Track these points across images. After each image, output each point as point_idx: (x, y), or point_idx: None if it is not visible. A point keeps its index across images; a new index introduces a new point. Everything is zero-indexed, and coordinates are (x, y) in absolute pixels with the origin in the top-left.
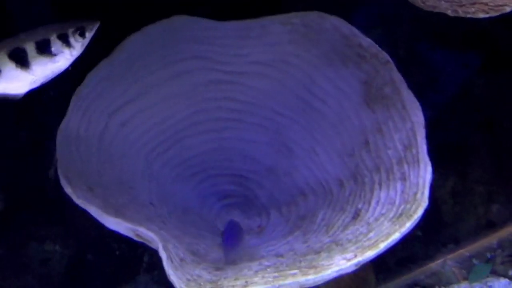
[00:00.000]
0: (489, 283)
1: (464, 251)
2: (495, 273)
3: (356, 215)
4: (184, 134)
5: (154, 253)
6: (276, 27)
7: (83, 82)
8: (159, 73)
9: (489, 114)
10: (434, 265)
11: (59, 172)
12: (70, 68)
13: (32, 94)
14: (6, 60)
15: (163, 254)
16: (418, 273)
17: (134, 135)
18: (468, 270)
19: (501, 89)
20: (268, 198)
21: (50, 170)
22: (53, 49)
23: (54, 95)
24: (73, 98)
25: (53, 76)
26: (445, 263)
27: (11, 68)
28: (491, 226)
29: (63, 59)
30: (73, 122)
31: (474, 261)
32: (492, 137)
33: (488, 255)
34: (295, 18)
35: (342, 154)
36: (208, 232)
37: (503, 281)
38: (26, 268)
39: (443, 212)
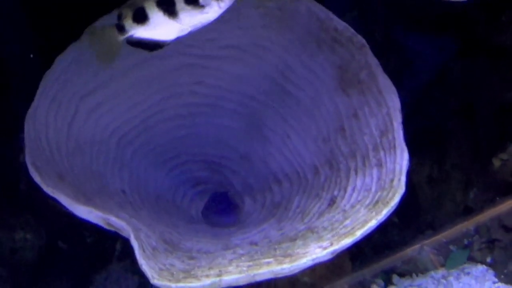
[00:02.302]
0: (466, 270)
1: (441, 237)
2: (473, 260)
3: (331, 202)
4: (156, 119)
5: (127, 241)
6: (249, 11)
7: (52, 66)
8: (130, 58)
9: (466, 99)
10: (410, 251)
11: (27, 160)
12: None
13: None
14: (155, 8)
15: (134, 243)
16: (394, 260)
17: (104, 121)
18: (445, 256)
19: (478, 74)
20: (242, 185)
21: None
22: (201, 0)
23: (22, 79)
24: (41, 83)
25: (202, 26)
26: (422, 249)
27: (159, 16)
28: (468, 212)
29: (211, 11)
30: (41, 109)
31: (451, 247)
32: (469, 122)
33: (465, 241)
34: (269, 1)
35: (317, 140)
36: (182, 219)
37: (480, 267)
38: None
39: (420, 198)
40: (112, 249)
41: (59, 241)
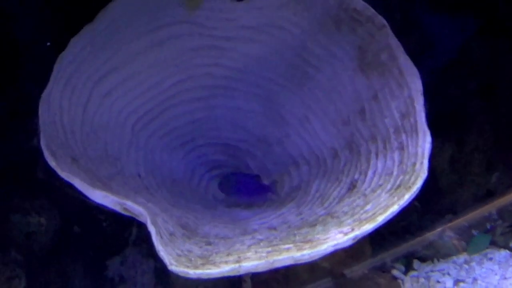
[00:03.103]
0: (489, 255)
1: (463, 222)
2: (495, 244)
3: (352, 186)
4: (172, 102)
5: (143, 226)
6: None
7: (66, 49)
8: (145, 39)
9: (488, 80)
10: (431, 235)
11: (42, 144)
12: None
13: (13, 62)
14: None
15: (152, 229)
16: (414, 244)
17: (119, 105)
18: (467, 241)
19: (500, 54)
20: (259, 168)
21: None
22: None
23: (36, 63)
24: (55, 66)
25: None
26: (443, 233)
27: None
28: (490, 195)
29: None
30: (56, 92)
31: (474, 231)
32: (490, 103)
33: (488, 225)
34: None
35: (336, 123)
36: (198, 203)
37: (503, 252)
38: (10, 242)
39: (441, 182)
40: (128, 233)
41: (74, 225)
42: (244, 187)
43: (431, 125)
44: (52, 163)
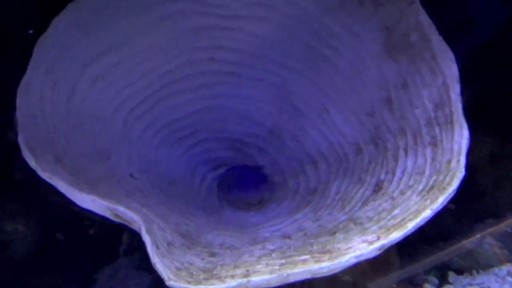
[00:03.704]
0: None
1: (506, 227)
2: None
3: (377, 188)
4: (170, 91)
5: (136, 234)
6: None
7: (47, 30)
8: (139, 18)
9: None
10: (469, 243)
11: (20, 141)
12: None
13: None
14: None
15: (146, 238)
16: (450, 253)
17: (109, 94)
18: (510, 249)
19: None
20: (271, 167)
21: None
22: None
23: (13, 46)
24: (35, 50)
25: None
26: (483, 241)
27: None
28: None
29: None
30: (36, 79)
31: None
32: None
33: None
34: None
35: (359, 114)
36: (200, 208)
37: None
38: None
39: (479, 181)
40: (118, 242)
41: (57, 233)
42: (243, 180)
43: (468, 117)
44: (32, 162)
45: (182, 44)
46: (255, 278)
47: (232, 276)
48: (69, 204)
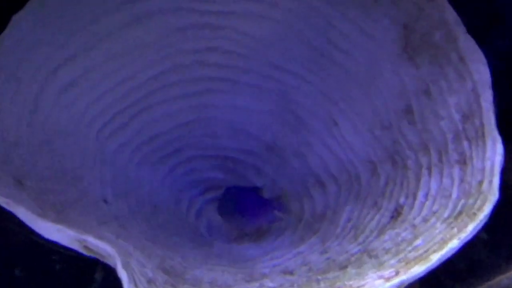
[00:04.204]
0: None
1: None
2: None
3: (396, 214)
4: (152, 101)
5: (111, 270)
6: None
7: (5, 30)
8: (114, 17)
9: None
10: (506, 279)
11: None
12: None
13: None
14: None
15: (123, 274)
16: None
17: (80, 105)
18: None
19: None
20: (270, 189)
21: None
22: None
23: None
24: None
25: None
26: None
27: None
28: None
29: None
30: None
31: None
32: None
33: None
34: None
35: (374, 127)
36: (187, 239)
37: None
38: None
39: None
40: (90, 280)
41: (15, 269)
42: (248, 205)
43: (502, 129)
44: None
45: (166, 46)
46: None
47: None
48: (31, 234)
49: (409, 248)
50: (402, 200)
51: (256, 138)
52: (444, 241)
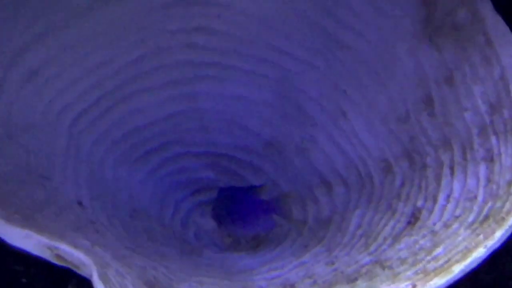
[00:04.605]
0: None
1: None
2: None
3: (413, 219)
4: (131, 89)
5: (86, 281)
6: None
7: None
8: None
9: None
10: None
11: None
12: None
13: None
14: None
15: (100, 287)
16: None
17: (49, 94)
18: None
19: None
20: (269, 191)
21: None
22: None
23: None
24: None
25: None
26: None
27: None
28: None
29: None
30: None
31: None
32: None
33: None
34: None
35: (388, 119)
36: (173, 247)
37: None
38: None
39: None
40: None
41: None
42: (243, 209)
43: None
44: None
45: (148, 26)
46: None
47: None
48: None
49: (428, 257)
50: (420, 203)
51: (253, 133)
52: (468, 250)
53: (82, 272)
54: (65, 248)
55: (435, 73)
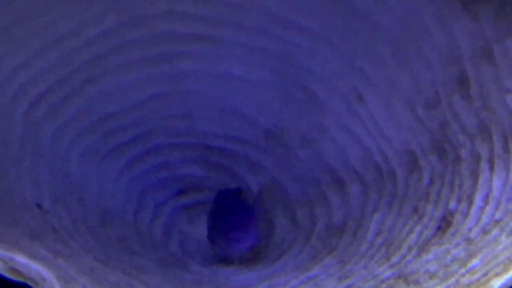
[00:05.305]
0: None
1: None
2: None
3: (444, 224)
4: (101, 68)
5: None
6: None
7: None
8: None
9: None
10: None
11: None
12: None
13: None
14: None
15: None
16: None
17: (1, 74)
18: None
19: None
20: (269, 191)
21: None
22: None
23: None
24: None
25: None
26: None
27: None
28: None
29: None
30: None
31: None
32: None
33: None
34: None
35: (414, 104)
36: (153, 260)
37: None
38: None
39: None
40: None
41: None
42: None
43: None
44: None
45: None
46: None
47: None
48: None
49: (463, 270)
50: (453, 205)
51: (249, 121)
52: (510, 261)
53: (42, 287)
54: (21, 259)
55: (471, 48)
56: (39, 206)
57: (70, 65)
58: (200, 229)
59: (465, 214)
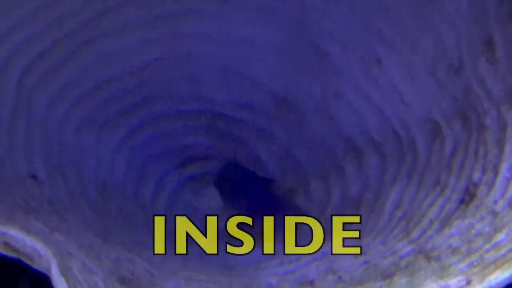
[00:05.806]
0: None
1: None
2: None
3: (468, 197)
4: (97, 30)
5: (42, 279)
6: None
7: None
8: None
9: None
10: None
11: None
12: None
13: None
14: None
15: (61, 285)
16: None
17: None
18: None
19: None
20: (279, 162)
21: None
22: None
23: None
24: None
25: None
26: None
27: None
28: None
29: None
30: None
31: None
32: None
33: None
34: None
35: (436, 68)
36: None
37: None
38: None
39: None
40: None
41: None
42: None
43: None
44: None
45: None
46: None
47: None
48: None
49: (487, 246)
50: (477, 176)
51: (259, 86)
52: None
53: (37, 265)
54: (15, 234)
55: (497, 7)
56: (33, 177)
57: (63, 28)
58: (205, 202)
59: (490, 186)
